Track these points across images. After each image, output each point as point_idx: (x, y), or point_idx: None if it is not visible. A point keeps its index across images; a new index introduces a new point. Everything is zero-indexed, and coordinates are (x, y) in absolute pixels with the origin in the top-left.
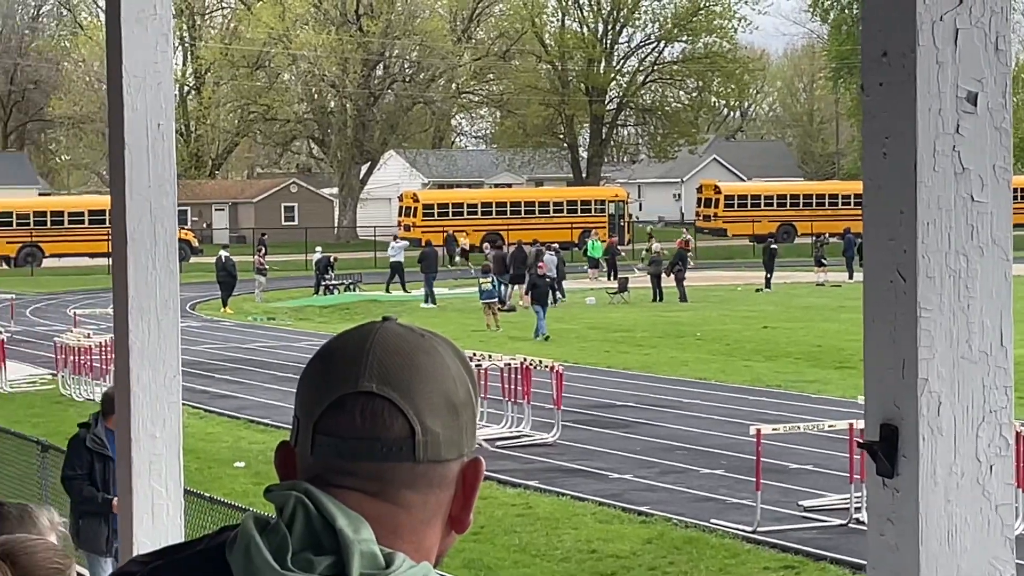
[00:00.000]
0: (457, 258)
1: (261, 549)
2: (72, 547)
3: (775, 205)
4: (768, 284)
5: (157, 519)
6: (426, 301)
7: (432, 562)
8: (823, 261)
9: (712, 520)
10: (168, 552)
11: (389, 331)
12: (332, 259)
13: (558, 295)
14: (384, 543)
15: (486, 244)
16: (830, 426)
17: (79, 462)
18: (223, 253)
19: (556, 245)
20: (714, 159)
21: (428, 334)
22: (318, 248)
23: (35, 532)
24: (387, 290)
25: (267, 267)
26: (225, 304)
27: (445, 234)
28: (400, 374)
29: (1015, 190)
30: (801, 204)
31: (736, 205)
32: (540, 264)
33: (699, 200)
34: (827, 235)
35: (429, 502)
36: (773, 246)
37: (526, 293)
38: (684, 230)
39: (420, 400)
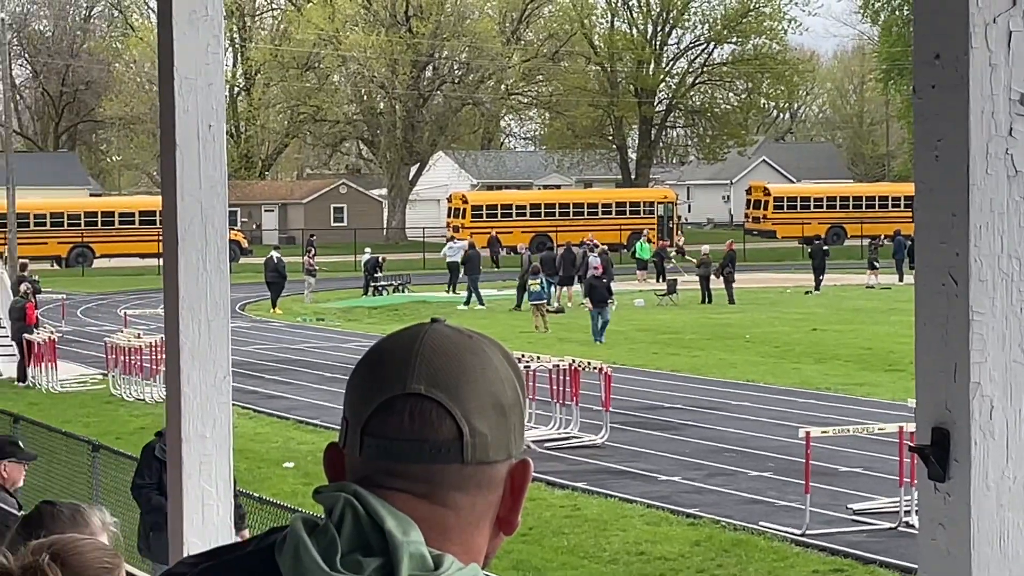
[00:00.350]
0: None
1: (310, 550)
2: (122, 547)
3: (824, 207)
4: (818, 286)
5: (207, 519)
6: (467, 303)
7: (480, 563)
8: (876, 264)
9: (761, 523)
10: (218, 553)
11: (437, 332)
12: (380, 260)
13: (557, 302)
14: (432, 545)
15: (520, 244)
16: (880, 429)
17: (149, 472)
18: (274, 254)
19: (604, 246)
20: (763, 161)
21: (476, 335)
22: (367, 249)
23: (87, 532)
24: (449, 291)
25: (317, 268)
26: (275, 305)
27: (489, 236)
28: (448, 376)
29: None
30: (851, 206)
31: (785, 207)
32: (596, 266)
33: (748, 202)
34: (882, 237)
35: (477, 504)
36: (824, 247)
37: (585, 296)
38: (709, 245)
39: (468, 401)
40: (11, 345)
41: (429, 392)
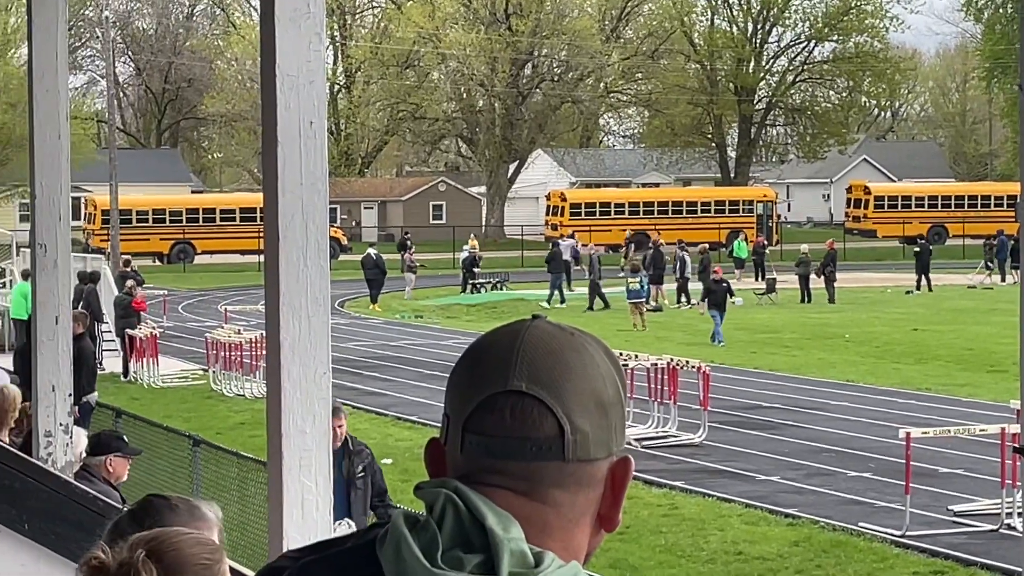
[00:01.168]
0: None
1: (411, 546)
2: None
3: (926, 206)
4: (919, 286)
5: (307, 514)
6: (548, 301)
7: (581, 561)
8: (990, 264)
9: (860, 523)
10: (319, 547)
11: (539, 329)
12: (477, 257)
13: (655, 301)
14: (533, 542)
15: (591, 245)
16: (981, 430)
17: None
18: (371, 250)
19: (705, 244)
20: (864, 159)
21: (578, 332)
22: (465, 246)
23: (204, 527)
24: (569, 287)
25: (418, 264)
26: (375, 301)
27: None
28: (550, 373)
29: None
30: (952, 205)
31: (886, 206)
32: (715, 269)
33: (848, 201)
34: (1002, 232)
35: (578, 501)
36: (930, 247)
37: (703, 299)
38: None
39: (569, 399)
40: (115, 340)
41: (530, 389)
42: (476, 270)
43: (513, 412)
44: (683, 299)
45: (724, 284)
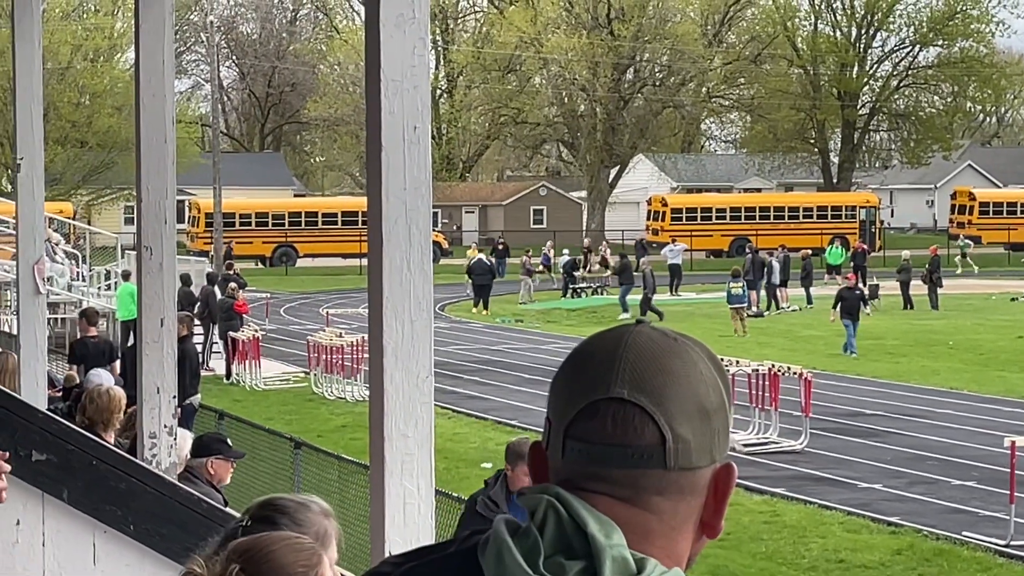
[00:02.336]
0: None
1: (513, 552)
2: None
3: None
4: None
5: (408, 518)
6: (625, 310)
7: (683, 567)
8: None
9: (964, 532)
10: (421, 553)
11: (642, 335)
12: (577, 260)
13: (757, 307)
14: (635, 548)
15: (643, 260)
16: None
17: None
18: (482, 256)
19: (808, 250)
20: (969, 165)
21: (681, 338)
22: (565, 251)
23: (313, 525)
24: (671, 293)
25: (536, 268)
26: (486, 306)
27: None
28: (652, 380)
29: None
30: None
31: (991, 212)
32: (849, 275)
33: (953, 207)
34: None
35: (680, 508)
36: None
37: (834, 307)
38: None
39: (672, 406)
40: (218, 342)
41: (632, 397)
42: (577, 274)
43: (615, 419)
44: (772, 304)
45: (857, 292)
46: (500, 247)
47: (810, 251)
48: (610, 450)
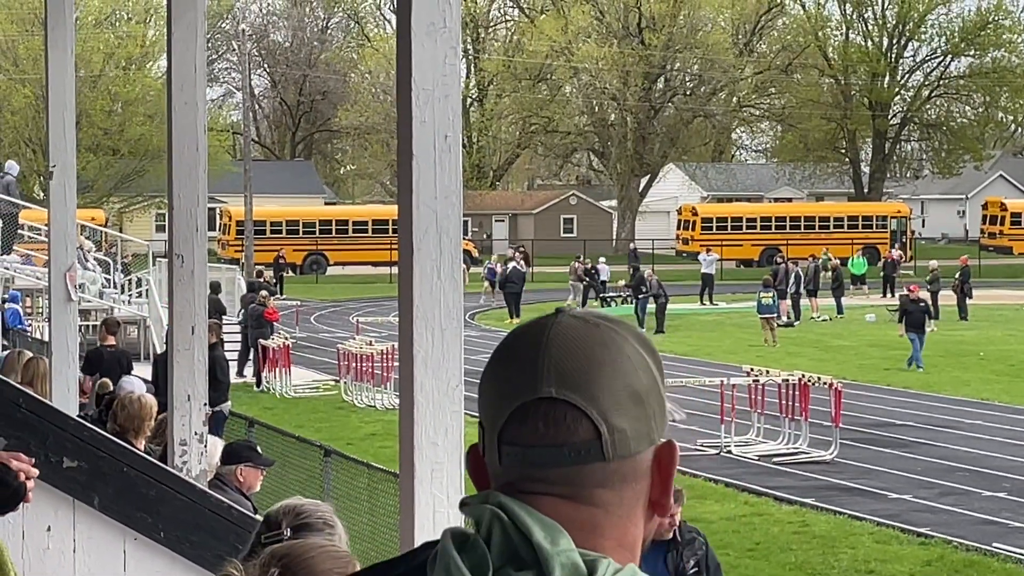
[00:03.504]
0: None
1: (460, 568)
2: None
3: None
4: None
5: (438, 527)
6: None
7: (639, 551)
8: None
9: (994, 544)
10: (373, 571)
11: (563, 326)
12: (590, 267)
13: (787, 316)
14: (587, 544)
15: (648, 272)
16: None
17: None
18: (513, 264)
19: (836, 260)
20: (1000, 175)
21: (603, 323)
22: (602, 259)
23: (336, 536)
24: (701, 301)
25: (586, 278)
26: (518, 314)
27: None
28: (579, 373)
29: None
30: None
31: (1023, 223)
32: (912, 287)
33: (984, 217)
34: None
35: (625, 496)
36: None
37: (900, 320)
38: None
39: (603, 398)
40: (248, 350)
41: (561, 394)
42: (607, 283)
43: (546, 420)
44: (791, 314)
45: (922, 304)
46: (522, 252)
47: (838, 261)
48: (546, 451)
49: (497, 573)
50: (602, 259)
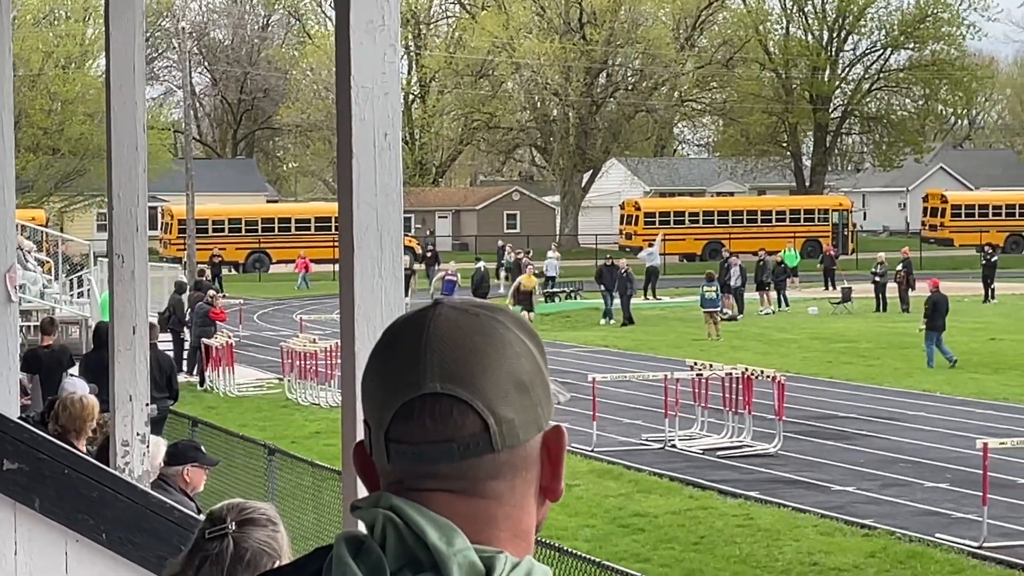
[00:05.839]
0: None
1: (357, 575)
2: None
3: (1003, 215)
4: (991, 295)
5: None
6: (604, 316)
7: (533, 539)
8: None
9: (937, 534)
10: None
11: (443, 319)
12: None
13: (730, 310)
14: (482, 537)
15: (623, 262)
16: None
17: None
18: (480, 264)
19: (776, 254)
20: (941, 168)
21: (483, 311)
22: (549, 254)
23: (279, 533)
24: (645, 296)
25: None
26: None
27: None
28: (462, 366)
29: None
30: None
31: (963, 215)
32: (933, 281)
33: (925, 210)
34: None
35: (517, 486)
36: (994, 258)
37: (926, 316)
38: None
39: (488, 389)
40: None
41: (445, 388)
42: (554, 279)
43: (432, 416)
44: (734, 307)
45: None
46: (429, 255)
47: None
48: (435, 448)
49: None
50: (550, 254)
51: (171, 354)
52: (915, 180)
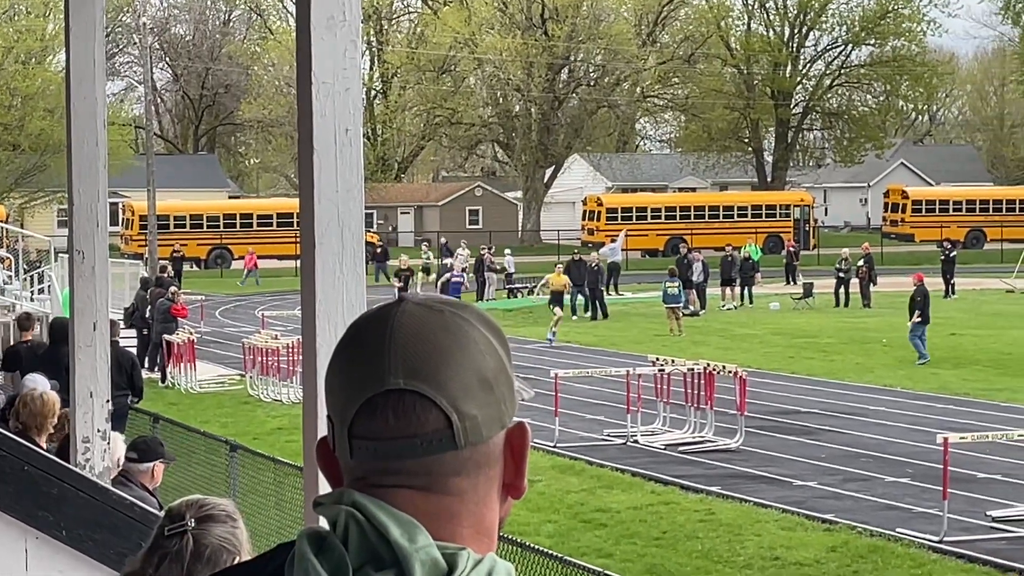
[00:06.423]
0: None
1: (319, 572)
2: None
3: (964, 210)
4: (951, 291)
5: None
6: (575, 312)
7: (495, 537)
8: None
9: (897, 529)
10: (228, 573)
11: (408, 315)
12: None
13: (693, 306)
14: (445, 534)
15: (594, 255)
16: (1020, 435)
17: None
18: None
19: (741, 250)
20: (901, 163)
21: (447, 308)
22: (506, 251)
23: (239, 529)
24: (608, 292)
25: (499, 267)
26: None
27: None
28: (426, 362)
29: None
30: (991, 209)
31: (924, 210)
32: (918, 275)
33: (886, 205)
34: None
35: (479, 483)
36: (953, 253)
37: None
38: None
39: (451, 385)
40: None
41: (409, 384)
42: (512, 275)
43: (396, 412)
44: (696, 303)
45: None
46: (379, 251)
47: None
48: (398, 444)
49: (356, 574)
50: (507, 251)
51: (134, 350)
52: (876, 176)
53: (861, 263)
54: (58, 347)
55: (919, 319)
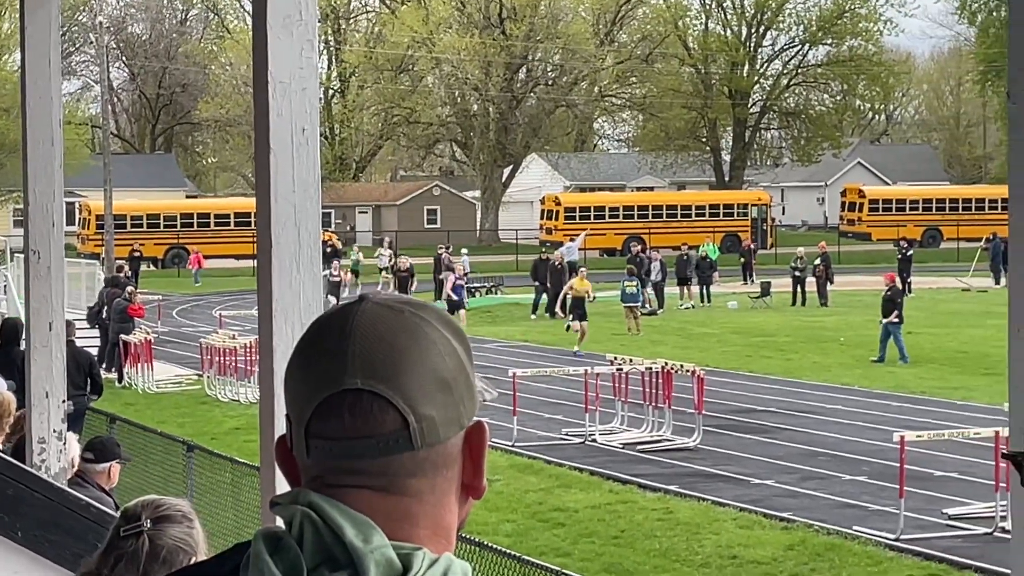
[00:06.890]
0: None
1: (274, 572)
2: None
3: (920, 209)
4: (907, 290)
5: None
6: (534, 311)
7: (453, 538)
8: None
9: (854, 527)
10: (183, 574)
11: (368, 315)
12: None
13: (650, 305)
14: (402, 535)
15: (558, 253)
16: (975, 433)
17: None
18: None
19: (698, 249)
20: (858, 163)
21: (408, 308)
22: (464, 250)
23: (195, 530)
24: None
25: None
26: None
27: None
28: (384, 363)
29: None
30: (947, 208)
31: (881, 209)
32: (889, 275)
33: (843, 204)
34: (996, 235)
35: (437, 484)
36: (909, 252)
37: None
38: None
39: (409, 386)
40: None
41: (367, 385)
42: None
43: (352, 412)
44: (653, 302)
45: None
46: (329, 250)
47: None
48: (354, 444)
49: (311, 574)
50: (464, 250)
51: (96, 350)
52: (833, 175)
53: (818, 262)
54: (11, 347)
55: (896, 319)
